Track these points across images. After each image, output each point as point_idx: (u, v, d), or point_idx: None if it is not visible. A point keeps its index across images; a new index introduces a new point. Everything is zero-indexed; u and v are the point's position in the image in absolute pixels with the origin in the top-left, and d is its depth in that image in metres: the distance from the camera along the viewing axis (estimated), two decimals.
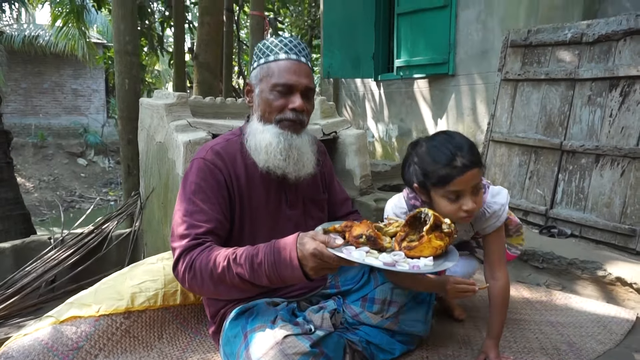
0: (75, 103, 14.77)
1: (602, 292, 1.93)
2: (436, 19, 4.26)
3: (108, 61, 9.93)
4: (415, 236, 1.15)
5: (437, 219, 1.13)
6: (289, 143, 1.25)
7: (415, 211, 1.17)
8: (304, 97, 1.26)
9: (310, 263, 1.01)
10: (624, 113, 2.53)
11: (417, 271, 1.04)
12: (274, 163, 1.25)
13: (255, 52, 1.34)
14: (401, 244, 1.12)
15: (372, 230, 1.12)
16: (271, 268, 1.05)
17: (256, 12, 4.03)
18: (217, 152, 1.28)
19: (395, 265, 1.03)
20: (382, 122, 5.28)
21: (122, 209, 2.55)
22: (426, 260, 1.07)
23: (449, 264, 1.09)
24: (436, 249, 1.10)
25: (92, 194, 12.16)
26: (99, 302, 1.44)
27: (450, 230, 1.13)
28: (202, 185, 1.23)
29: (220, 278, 1.09)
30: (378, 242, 1.10)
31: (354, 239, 1.09)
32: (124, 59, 3.22)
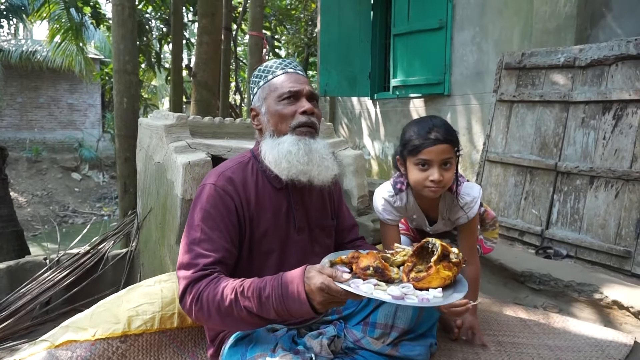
0: (71, 117, 14.76)
1: (599, 315, 1.93)
2: (432, 40, 4.33)
3: (105, 77, 9.97)
4: (423, 266, 1.14)
5: (445, 249, 1.12)
6: (309, 147, 1.25)
7: (423, 241, 1.16)
8: (310, 102, 1.29)
9: (318, 297, 1.00)
10: (617, 136, 2.57)
11: (427, 304, 1.02)
12: (298, 168, 1.23)
13: (253, 80, 1.39)
14: (409, 275, 1.11)
15: (379, 261, 1.10)
16: (279, 302, 1.04)
17: (255, 32, 4.08)
18: (229, 178, 1.27)
19: (404, 299, 1.01)
20: (378, 141, 5.32)
21: (118, 229, 2.54)
22: (435, 292, 1.06)
23: (458, 295, 1.07)
24: (445, 279, 1.09)
25: (86, 209, 12.07)
26: (95, 326, 1.43)
27: (459, 260, 1.12)
28: (211, 212, 1.21)
29: (227, 311, 1.08)
30: (386, 273, 1.09)
31: (361, 271, 1.08)
32: (123, 78, 3.23)
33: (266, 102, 1.30)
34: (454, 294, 1.09)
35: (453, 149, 1.42)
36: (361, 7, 5.17)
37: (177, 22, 5.35)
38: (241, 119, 2.49)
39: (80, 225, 10.71)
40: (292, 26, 9.98)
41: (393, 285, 1.08)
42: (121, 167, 3.34)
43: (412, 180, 1.44)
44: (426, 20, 4.37)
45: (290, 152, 1.23)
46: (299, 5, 9.86)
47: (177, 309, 1.56)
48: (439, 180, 1.38)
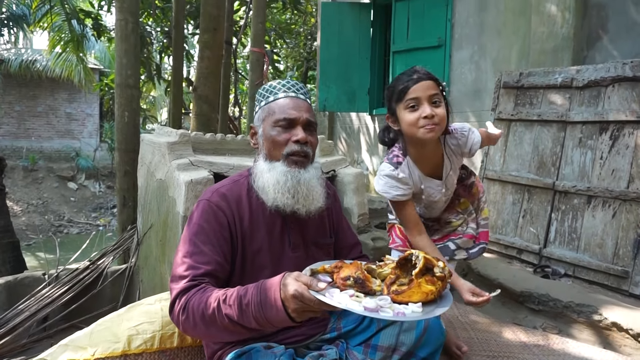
0: (69, 127, 14.73)
1: (598, 337, 1.94)
2: (430, 57, 4.39)
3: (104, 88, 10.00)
4: (406, 279, 1.08)
5: (429, 262, 1.07)
6: (297, 180, 1.25)
7: (406, 253, 1.12)
8: (306, 130, 1.29)
9: (292, 305, 0.98)
10: (614, 156, 2.61)
11: (402, 319, 0.99)
12: (283, 201, 1.25)
13: (257, 97, 1.40)
14: (390, 288, 1.06)
15: (362, 272, 1.06)
16: (257, 309, 1.03)
17: (256, 48, 4.12)
18: (223, 194, 1.29)
19: (378, 312, 0.97)
20: (376, 156, 5.35)
21: (118, 244, 2.53)
22: (414, 307, 1.01)
23: (440, 311, 1.03)
24: (427, 294, 1.03)
25: (81, 219, 12.00)
26: (95, 345, 1.41)
27: (444, 274, 1.06)
28: (204, 227, 1.23)
29: (211, 319, 1.07)
30: (366, 284, 1.05)
31: (341, 281, 1.04)
32: (124, 92, 3.25)
33: (264, 124, 1.32)
34: (436, 309, 1.04)
35: (438, 87, 1.44)
36: (361, 24, 5.24)
37: (178, 35, 5.40)
38: (242, 135, 2.50)
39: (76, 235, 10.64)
40: (291, 40, 10.07)
41: (369, 297, 1.04)
42: (120, 180, 3.34)
43: (407, 126, 1.44)
44: (425, 38, 4.44)
45: (278, 182, 1.24)
46: (299, 20, 9.97)
47: (177, 329, 1.55)
48: (431, 115, 1.39)
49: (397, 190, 1.56)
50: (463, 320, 2.12)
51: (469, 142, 1.60)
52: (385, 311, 0.98)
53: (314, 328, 1.36)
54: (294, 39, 10.10)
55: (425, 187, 1.62)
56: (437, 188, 1.64)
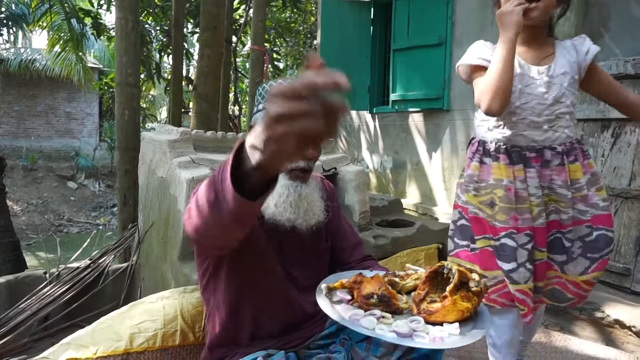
0: (68, 126, 14.72)
1: (600, 334, 1.93)
2: (431, 56, 4.38)
3: (104, 87, 9.99)
4: (436, 295, 0.97)
5: (463, 275, 0.94)
6: (298, 194, 1.21)
7: (436, 265, 1.00)
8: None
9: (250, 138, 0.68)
10: (615, 154, 2.60)
11: (440, 346, 0.86)
12: (283, 216, 1.20)
13: (260, 92, 1.31)
14: (420, 306, 0.95)
15: (385, 287, 0.95)
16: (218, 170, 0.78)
17: (256, 46, 4.11)
18: None
19: (412, 337, 0.86)
20: (376, 154, 5.34)
21: (118, 242, 2.52)
22: (451, 328, 0.90)
23: (478, 334, 0.89)
24: (462, 312, 0.92)
25: (81, 218, 11.99)
26: (97, 343, 1.41)
27: (480, 288, 0.94)
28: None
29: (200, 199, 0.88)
30: (392, 303, 0.94)
31: (364, 300, 0.94)
32: (125, 91, 3.24)
33: None
34: (474, 330, 0.91)
35: None
36: (361, 22, 5.23)
37: (178, 34, 5.39)
38: (243, 133, 2.50)
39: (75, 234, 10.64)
40: (291, 39, 10.06)
41: (401, 317, 0.94)
42: (121, 179, 3.34)
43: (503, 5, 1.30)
44: (426, 36, 4.42)
45: (280, 196, 1.20)
46: (299, 19, 9.95)
47: (179, 327, 1.54)
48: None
49: (483, 53, 1.38)
50: None
51: (585, 44, 1.39)
52: (420, 336, 0.87)
53: (313, 328, 1.33)
54: (293, 38, 10.09)
55: (523, 74, 1.37)
56: (540, 76, 1.35)
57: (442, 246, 2.55)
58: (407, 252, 2.35)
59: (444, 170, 4.40)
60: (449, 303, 0.91)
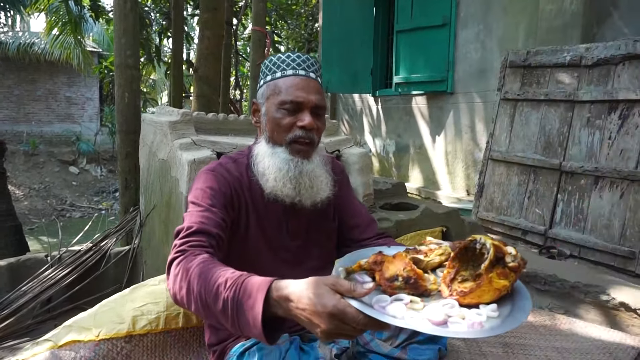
0: (69, 111, 14.65)
1: (605, 317, 1.92)
2: (435, 37, 4.31)
3: (104, 71, 9.90)
4: (467, 273, 0.86)
5: (499, 250, 0.83)
6: (299, 170, 1.16)
7: (467, 240, 0.90)
8: (313, 115, 1.17)
9: (325, 324, 0.75)
10: (623, 136, 2.56)
11: (480, 334, 0.74)
12: (283, 192, 1.16)
13: (262, 70, 1.29)
14: (451, 286, 0.84)
15: (410, 267, 0.84)
16: (233, 310, 0.84)
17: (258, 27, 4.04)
18: (225, 168, 1.22)
19: (448, 325, 0.75)
20: (379, 138, 5.30)
21: (120, 226, 2.51)
22: (488, 310, 0.78)
23: (521, 316, 0.78)
24: (499, 291, 0.81)
25: (83, 203, 12.02)
26: (99, 326, 1.40)
27: (517, 263, 0.82)
28: (207, 191, 1.14)
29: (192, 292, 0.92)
30: (420, 284, 0.84)
31: (387, 283, 0.83)
32: (124, 73, 3.19)
33: (267, 103, 1.21)
34: (513, 312, 0.80)
35: None
36: (363, 3, 5.13)
37: (178, 16, 5.30)
38: (245, 115, 2.46)
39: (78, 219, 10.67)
40: (292, 21, 9.92)
41: (429, 300, 0.83)
42: (122, 162, 3.31)
43: None
44: (429, 17, 4.34)
45: (280, 170, 1.16)
46: (300, 1, 9.80)
47: (182, 309, 1.53)
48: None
49: None
50: None
51: None
52: (456, 322, 0.76)
53: None
54: (295, 20, 9.95)
55: None
56: None
57: (446, 229, 2.53)
58: (411, 235, 2.33)
59: (447, 154, 4.36)
60: (484, 282, 0.80)
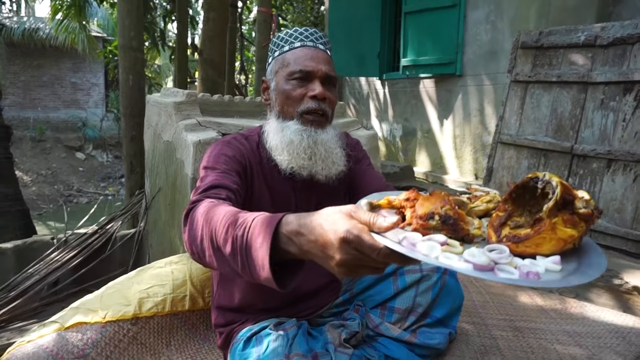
0: (74, 97, 14.66)
1: (617, 301, 1.89)
2: (444, 18, 4.21)
3: (109, 55, 9.85)
4: (523, 219, 0.70)
5: (567, 191, 0.65)
6: (314, 140, 1.12)
7: (526, 177, 0.71)
8: (324, 85, 1.14)
9: (338, 254, 0.63)
10: (638, 118, 2.50)
11: (535, 283, 0.59)
12: (298, 163, 1.12)
13: (270, 48, 1.26)
14: (500, 232, 0.68)
15: (450, 206, 0.68)
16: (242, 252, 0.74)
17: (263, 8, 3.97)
18: (239, 140, 1.19)
19: (494, 271, 0.60)
20: (386, 122, 5.24)
21: (126, 209, 2.50)
22: (548, 262, 0.62)
23: (593, 273, 0.61)
24: (564, 242, 0.64)
25: (90, 188, 12.09)
26: (106, 308, 1.40)
27: (590, 211, 0.65)
28: (220, 156, 1.09)
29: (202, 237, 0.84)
30: (461, 227, 0.67)
31: (421, 221, 0.67)
32: (128, 55, 3.15)
33: (276, 77, 1.18)
34: (582, 268, 0.62)
35: None
36: None
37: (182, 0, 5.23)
38: (251, 97, 2.42)
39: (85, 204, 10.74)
40: (298, 4, 9.78)
41: (472, 247, 0.66)
42: (127, 146, 3.29)
43: None
44: None
45: (293, 142, 1.11)
46: None
47: (189, 292, 1.53)
48: None
49: None
50: (477, 283, 2.08)
51: None
52: (504, 269, 0.60)
53: (327, 297, 1.29)
54: (301, 3, 9.80)
55: None
56: None
57: None
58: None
59: (456, 137, 4.30)
60: (546, 228, 0.63)
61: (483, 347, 1.52)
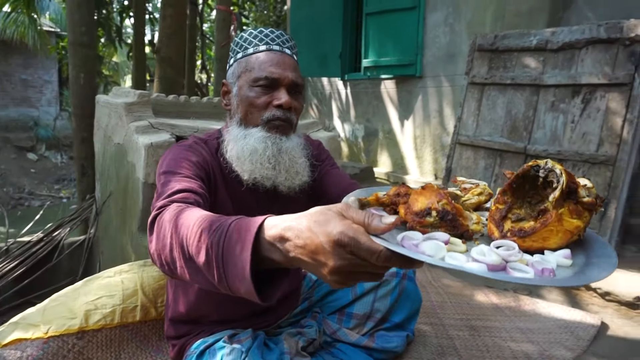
0: (25, 94, 13.90)
1: (567, 297, 1.97)
2: (404, 20, 4.26)
3: (61, 51, 9.43)
4: (523, 210, 0.66)
5: (571, 179, 0.62)
6: (278, 148, 1.06)
7: (527, 166, 0.66)
8: (290, 93, 1.09)
9: (332, 261, 0.56)
10: (585, 119, 2.61)
11: (551, 282, 0.53)
12: (262, 173, 1.06)
13: (232, 47, 1.18)
14: (503, 226, 0.64)
15: (447, 200, 0.63)
16: (218, 260, 0.66)
17: (222, 7, 3.88)
18: (198, 144, 1.11)
19: (506, 270, 0.55)
20: (348, 122, 5.26)
21: (75, 214, 2.37)
22: (559, 257, 0.58)
23: (609, 265, 0.57)
24: (571, 233, 0.61)
25: (43, 191, 11.52)
26: (48, 322, 1.31)
27: (593, 199, 0.63)
28: (181, 160, 1.02)
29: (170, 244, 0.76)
30: (460, 222, 0.62)
31: (416, 219, 0.62)
32: (78, 52, 3.00)
33: (239, 82, 1.11)
34: (599, 262, 0.58)
35: None
36: None
37: None
38: (208, 97, 2.36)
39: (37, 207, 10.22)
40: (260, 3, 9.68)
41: (472, 244, 0.62)
42: (78, 148, 3.14)
43: None
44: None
45: (257, 150, 1.05)
46: None
47: (140, 302, 1.46)
48: None
49: None
50: (436, 284, 2.12)
51: None
52: (517, 267, 0.55)
53: (285, 308, 1.26)
54: (263, 2, 9.71)
55: None
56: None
57: None
58: None
59: (416, 138, 4.37)
60: (552, 220, 0.59)
61: (440, 347, 1.53)
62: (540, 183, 0.65)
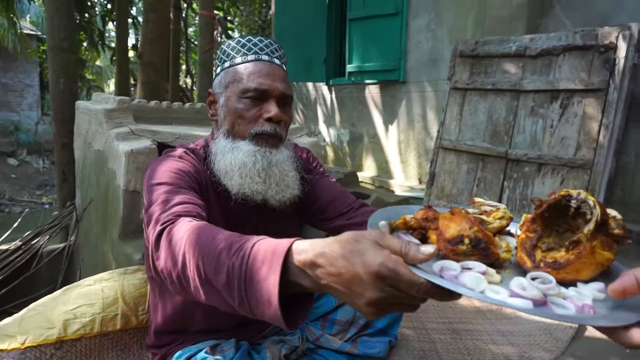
0: (5, 98, 13.65)
1: None
2: (387, 26, 4.31)
3: (42, 55, 9.29)
4: (551, 239, 0.66)
5: (603, 212, 0.63)
6: (268, 161, 1.03)
7: (558, 195, 0.66)
8: (280, 106, 1.05)
9: (370, 293, 0.54)
10: (563, 124, 2.66)
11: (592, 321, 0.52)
12: (252, 187, 1.02)
13: (219, 56, 1.16)
14: (533, 256, 0.64)
15: (478, 227, 0.62)
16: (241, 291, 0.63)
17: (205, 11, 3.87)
18: (187, 154, 1.08)
19: (548, 305, 0.54)
20: (333, 127, 5.28)
21: (55, 221, 2.34)
22: (593, 291, 0.58)
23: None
24: (602, 265, 0.62)
25: (24, 197, 11.30)
26: (25, 332, 1.29)
27: (622, 232, 0.63)
28: (173, 171, 0.98)
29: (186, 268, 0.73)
30: (491, 251, 0.62)
31: (449, 246, 0.61)
32: (58, 57, 2.96)
33: (226, 93, 1.08)
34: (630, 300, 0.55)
35: None
36: None
37: None
38: (191, 103, 2.35)
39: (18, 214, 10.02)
40: (245, 7, 9.68)
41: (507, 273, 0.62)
42: (59, 153, 3.09)
43: None
44: (382, 5, 4.34)
45: (245, 164, 1.02)
46: None
47: (121, 310, 1.44)
48: None
49: None
50: None
51: None
52: (556, 302, 0.54)
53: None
54: (248, 7, 9.70)
55: None
56: None
57: None
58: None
59: (400, 143, 4.41)
60: (586, 252, 0.60)
61: (422, 351, 1.55)
62: (574, 214, 0.65)
